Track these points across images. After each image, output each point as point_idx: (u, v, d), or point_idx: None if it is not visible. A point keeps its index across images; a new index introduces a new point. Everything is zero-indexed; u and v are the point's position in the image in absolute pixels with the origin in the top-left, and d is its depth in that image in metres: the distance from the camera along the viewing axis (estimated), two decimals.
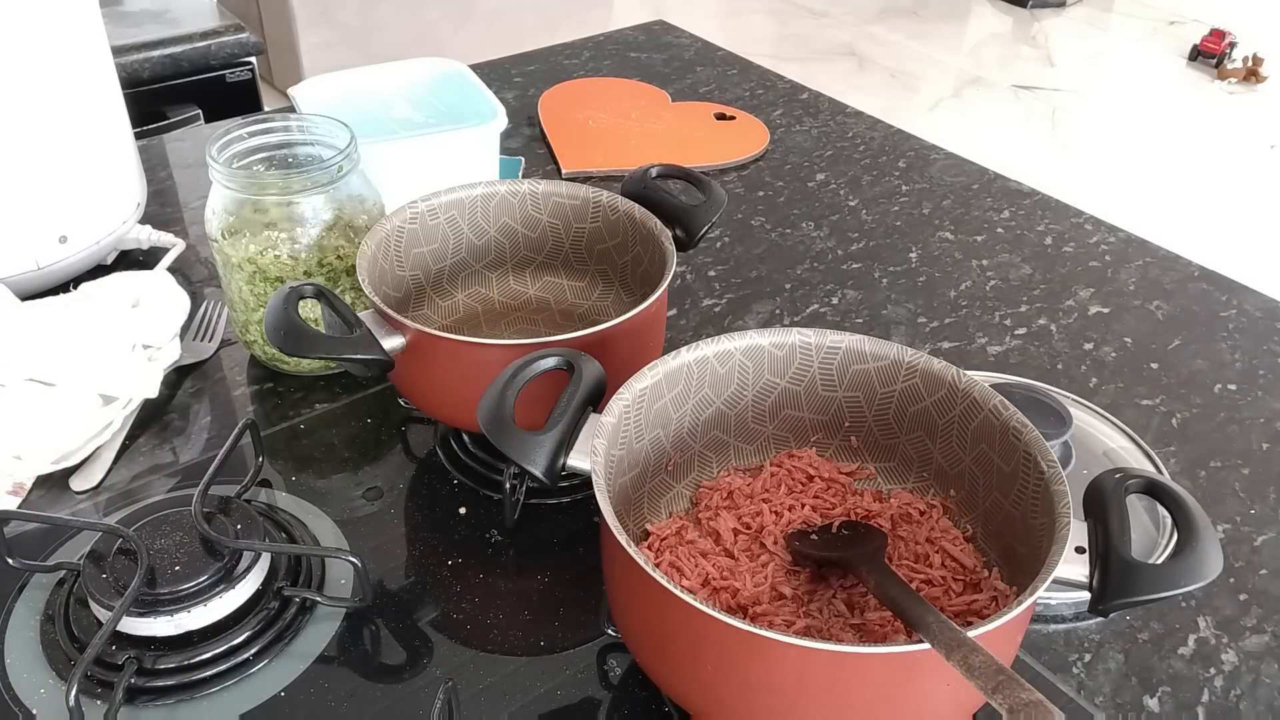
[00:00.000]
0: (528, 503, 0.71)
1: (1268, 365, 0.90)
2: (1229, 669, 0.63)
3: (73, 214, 0.87)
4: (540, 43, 1.48)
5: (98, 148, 0.89)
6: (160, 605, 0.58)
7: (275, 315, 0.63)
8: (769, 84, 1.37)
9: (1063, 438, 0.71)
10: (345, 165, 0.75)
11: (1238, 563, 0.70)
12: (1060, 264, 1.03)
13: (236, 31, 1.66)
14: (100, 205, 0.89)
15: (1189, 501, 0.51)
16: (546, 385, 0.56)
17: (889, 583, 0.52)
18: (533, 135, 1.21)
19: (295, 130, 0.79)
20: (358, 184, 0.78)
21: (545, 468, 0.52)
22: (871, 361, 0.63)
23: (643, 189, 0.78)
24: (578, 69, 1.39)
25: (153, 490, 0.71)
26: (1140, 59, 3.91)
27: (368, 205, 0.79)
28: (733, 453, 0.67)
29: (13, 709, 0.56)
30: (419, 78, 0.99)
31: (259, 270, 0.75)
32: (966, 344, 0.91)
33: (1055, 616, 0.66)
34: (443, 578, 0.66)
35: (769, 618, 0.55)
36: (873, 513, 0.63)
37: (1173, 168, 3.15)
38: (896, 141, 1.25)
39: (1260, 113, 3.51)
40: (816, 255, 1.02)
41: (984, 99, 3.55)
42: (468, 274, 0.82)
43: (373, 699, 0.58)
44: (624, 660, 0.61)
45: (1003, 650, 0.50)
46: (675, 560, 0.59)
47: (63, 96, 0.84)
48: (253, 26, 2.08)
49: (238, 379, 0.82)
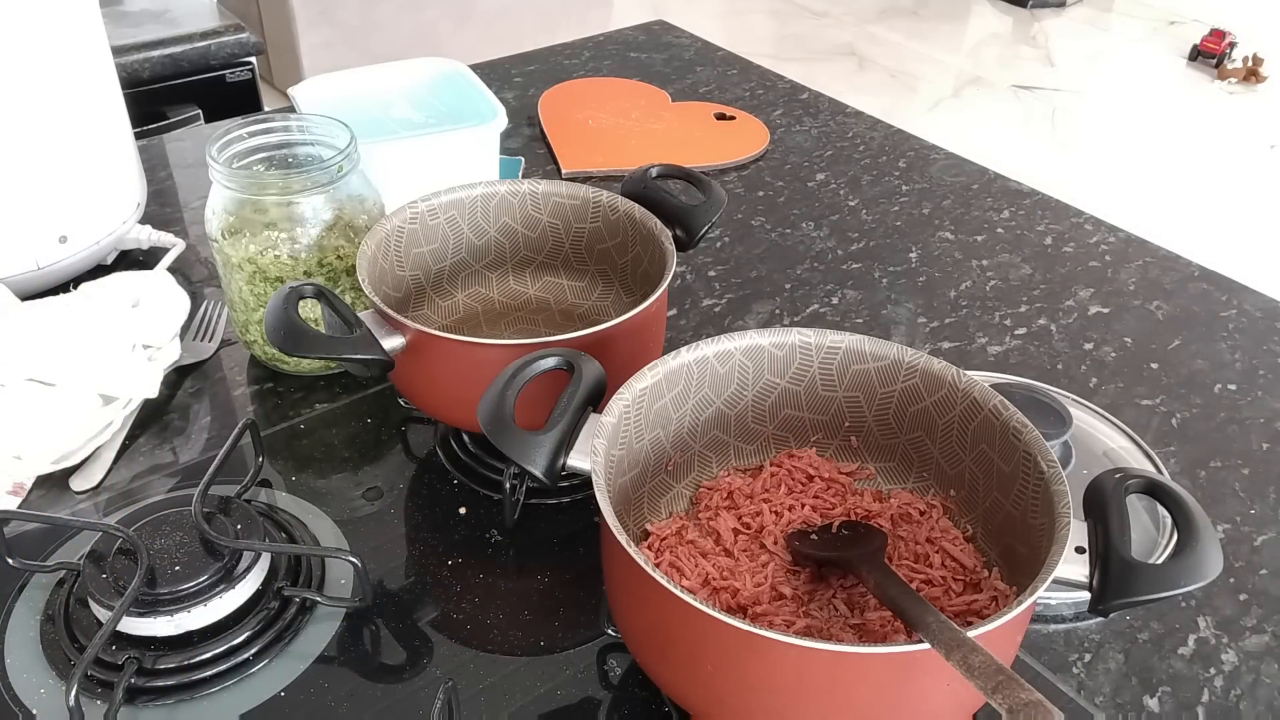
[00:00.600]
0: (528, 503, 0.71)
1: (1268, 365, 0.90)
2: (1229, 669, 0.63)
3: (73, 214, 0.87)
4: (540, 43, 1.48)
5: (98, 148, 0.89)
6: (160, 605, 0.58)
7: (275, 315, 0.63)
8: (769, 84, 1.37)
9: (1063, 438, 0.71)
10: (345, 165, 0.75)
11: (1238, 563, 0.70)
12: (1060, 264, 1.03)
13: (236, 31, 1.66)
14: (100, 205, 0.89)
15: (1189, 501, 0.51)
16: (546, 385, 0.56)
17: (889, 583, 0.52)
18: (533, 135, 1.21)
19: (295, 130, 0.79)
20: (358, 184, 0.78)
21: (545, 468, 0.52)
22: (871, 361, 0.63)
23: (643, 189, 0.78)
24: (578, 69, 1.39)
25: (153, 490, 0.71)
26: (1140, 59, 3.91)
27: (368, 205, 0.79)
28: (733, 453, 0.67)
29: (13, 709, 0.56)
30: (419, 78, 0.99)
31: (259, 270, 0.75)
32: (966, 344, 0.91)
33: (1055, 616, 0.66)
34: (443, 578, 0.66)
35: (769, 618, 0.55)
36: (873, 513, 0.63)
37: (1173, 168, 3.15)
38: (896, 141, 1.25)
39: (1260, 113, 3.51)
40: (816, 255, 1.02)
41: (984, 99, 3.55)
42: (468, 274, 0.82)
43: (373, 699, 0.58)
44: (624, 660, 0.61)
45: (1003, 650, 0.50)
46: (675, 560, 0.59)
47: (63, 96, 0.84)
48: (253, 26, 2.08)
49: (238, 379, 0.82)
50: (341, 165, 0.75)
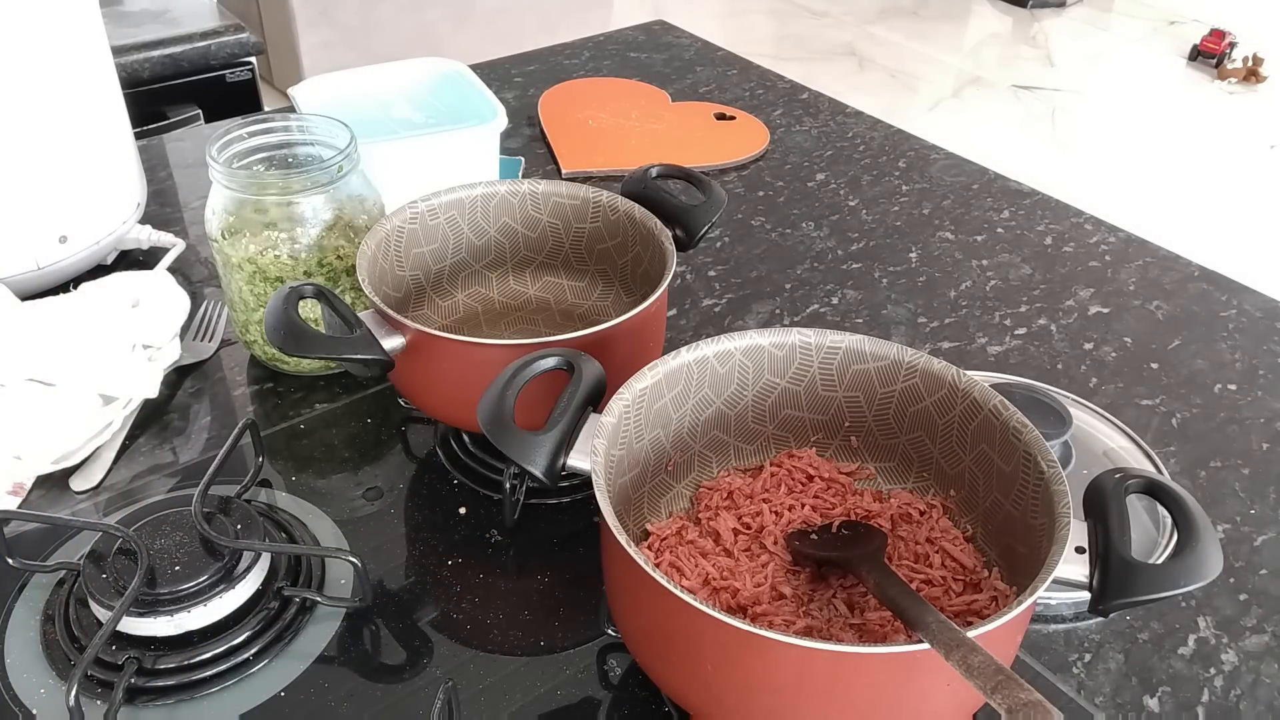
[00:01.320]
0: (528, 503, 0.71)
1: (1268, 365, 0.90)
2: (1229, 669, 0.63)
3: (73, 214, 0.87)
4: (540, 43, 1.48)
5: (98, 148, 0.89)
6: (160, 605, 0.58)
7: (275, 315, 0.63)
8: (769, 84, 1.37)
9: (1063, 438, 0.71)
10: (345, 165, 0.75)
11: (1238, 563, 0.70)
12: (1060, 264, 1.03)
13: (236, 31, 1.66)
14: (100, 205, 0.89)
15: (1189, 501, 0.51)
16: (546, 385, 0.56)
17: (889, 583, 0.52)
18: (533, 135, 1.21)
19: (295, 130, 0.79)
20: (358, 184, 0.78)
21: (545, 468, 0.52)
22: (871, 361, 0.63)
23: (643, 189, 0.78)
24: (578, 69, 1.39)
25: (153, 490, 0.71)
26: (1140, 59, 3.91)
27: (368, 205, 0.79)
28: (733, 453, 0.67)
29: (13, 709, 0.56)
30: (419, 78, 0.99)
31: (259, 270, 0.75)
32: (966, 344, 0.91)
33: (1055, 616, 0.66)
34: (443, 578, 0.66)
35: (769, 618, 0.55)
36: (873, 513, 0.63)
37: (1173, 168, 3.15)
38: (896, 141, 1.25)
39: (1260, 113, 3.51)
40: (816, 255, 1.02)
41: (984, 99, 3.55)
42: (468, 274, 0.82)
43: (373, 699, 0.58)
44: (624, 660, 0.61)
45: (1003, 650, 0.50)
46: (675, 560, 0.59)
47: (63, 96, 0.84)
48: (253, 26, 2.08)
49: (238, 379, 0.82)
50: (341, 165, 0.75)
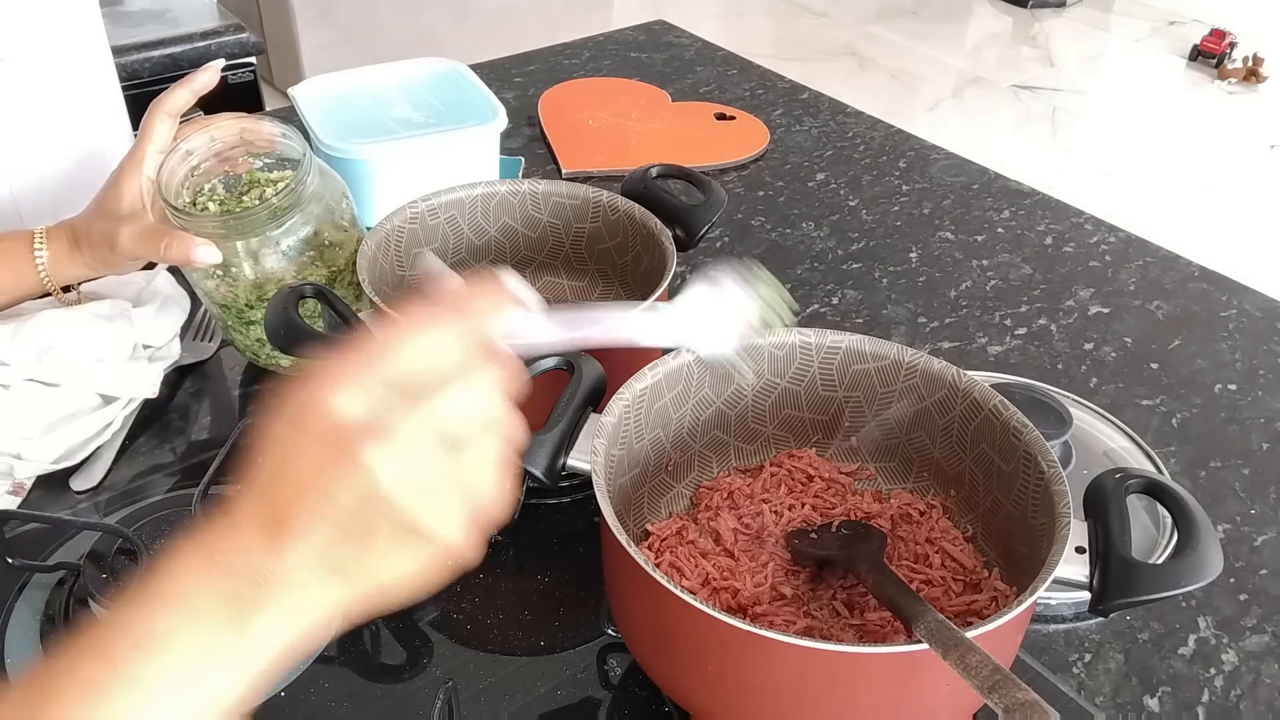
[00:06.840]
0: (528, 503, 0.71)
1: (1268, 365, 0.90)
2: (1229, 669, 0.63)
3: (73, 214, 0.87)
4: (540, 43, 1.48)
5: (98, 148, 0.89)
6: None
7: (275, 315, 0.63)
8: (769, 84, 1.37)
9: (1063, 438, 0.70)
10: (291, 199, 0.70)
11: (1238, 563, 0.70)
12: (1060, 264, 1.03)
13: (236, 31, 1.66)
14: None
15: (1189, 501, 0.51)
16: (546, 385, 0.56)
17: (888, 582, 0.52)
18: (533, 135, 1.21)
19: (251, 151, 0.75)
20: (319, 208, 0.73)
21: (545, 468, 0.52)
22: (871, 361, 0.63)
23: (643, 189, 0.78)
24: (578, 69, 1.39)
25: (153, 490, 0.71)
26: (1140, 59, 3.91)
27: (337, 217, 0.76)
28: (733, 453, 0.67)
29: None
30: (419, 78, 0.99)
31: (225, 306, 0.75)
32: (966, 344, 0.91)
33: (1055, 616, 0.66)
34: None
35: (769, 618, 0.55)
36: (873, 513, 0.63)
37: (1173, 168, 3.14)
38: (896, 141, 1.25)
39: (1260, 113, 3.51)
40: (816, 255, 1.02)
41: (984, 99, 3.55)
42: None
43: (373, 699, 0.58)
44: (624, 660, 0.61)
45: (1003, 650, 0.50)
46: (675, 560, 0.59)
47: (63, 96, 0.84)
48: (253, 26, 2.08)
49: (238, 379, 0.82)
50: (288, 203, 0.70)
